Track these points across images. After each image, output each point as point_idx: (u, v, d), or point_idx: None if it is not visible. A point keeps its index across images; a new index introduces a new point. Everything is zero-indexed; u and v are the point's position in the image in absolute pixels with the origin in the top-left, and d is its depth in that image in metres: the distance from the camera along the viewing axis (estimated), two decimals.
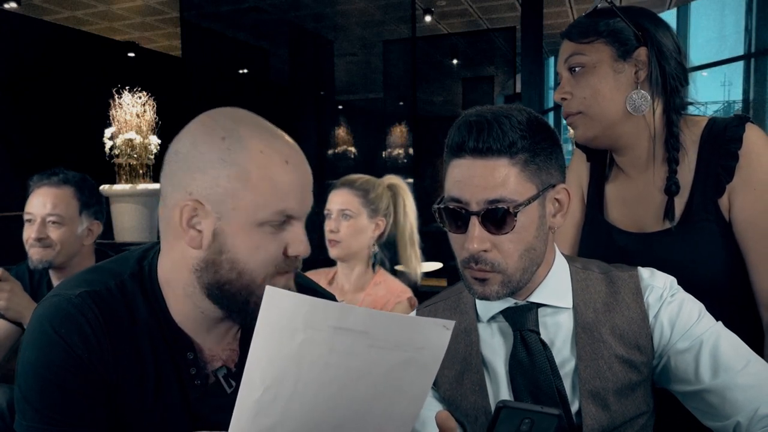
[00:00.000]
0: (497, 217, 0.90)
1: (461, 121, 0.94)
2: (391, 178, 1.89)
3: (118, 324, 0.86)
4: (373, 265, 1.84)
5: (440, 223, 0.97)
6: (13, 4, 6.92)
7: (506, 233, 0.91)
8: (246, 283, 0.84)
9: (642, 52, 1.14)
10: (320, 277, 1.84)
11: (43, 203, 1.78)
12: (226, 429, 0.83)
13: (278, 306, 0.61)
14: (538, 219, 0.94)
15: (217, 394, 0.92)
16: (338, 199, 1.78)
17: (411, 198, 1.89)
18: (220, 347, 0.93)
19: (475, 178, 0.91)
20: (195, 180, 0.82)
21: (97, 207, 1.89)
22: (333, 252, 1.78)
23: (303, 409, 0.65)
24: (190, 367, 0.89)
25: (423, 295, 1.77)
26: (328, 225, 1.77)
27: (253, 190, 0.81)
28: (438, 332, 0.64)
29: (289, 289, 0.87)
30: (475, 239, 0.91)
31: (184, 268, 0.86)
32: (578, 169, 1.38)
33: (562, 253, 1.05)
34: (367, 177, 1.85)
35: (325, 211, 1.80)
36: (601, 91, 1.14)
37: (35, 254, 1.78)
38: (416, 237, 1.89)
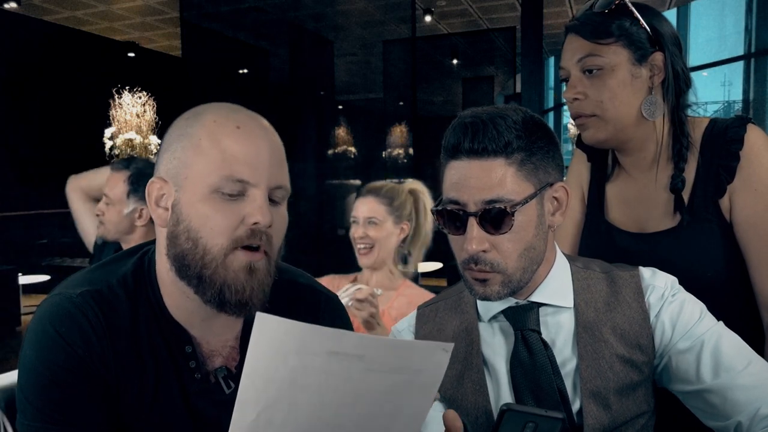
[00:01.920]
0: (495, 217, 0.90)
1: (457, 122, 0.94)
2: (413, 184, 1.96)
3: (119, 323, 0.86)
4: (404, 261, 1.92)
5: (439, 226, 0.97)
6: (13, 4, 6.92)
7: (505, 233, 0.91)
8: (201, 253, 0.82)
9: (658, 57, 1.13)
10: (342, 282, 1.87)
11: (104, 185, 2.06)
12: (225, 428, 0.83)
13: (269, 331, 0.60)
14: (536, 218, 0.93)
15: (217, 392, 0.92)
16: (364, 207, 1.85)
17: (430, 202, 1.94)
18: (219, 343, 0.93)
19: (472, 179, 0.91)
20: (162, 161, 0.86)
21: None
22: (365, 261, 1.84)
23: (299, 431, 0.65)
24: (189, 360, 0.89)
25: None
26: (356, 231, 1.84)
27: (203, 157, 0.82)
28: (436, 355, 0.63)
29: (251, 277, 0.84)
30: (473, 240, 0.91)
31: (163, 251, 0.87)
32: (578, 170, 1.38)
33: (563, 253, 1.05)
34: (391, 184, 1.92)
35: (352, 219, 1.88)
36: (618, 96, 1.12)
37: (97, 229, 2.08)
38: (429, 239, 1.96)
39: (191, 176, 0.82)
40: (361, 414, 0.65)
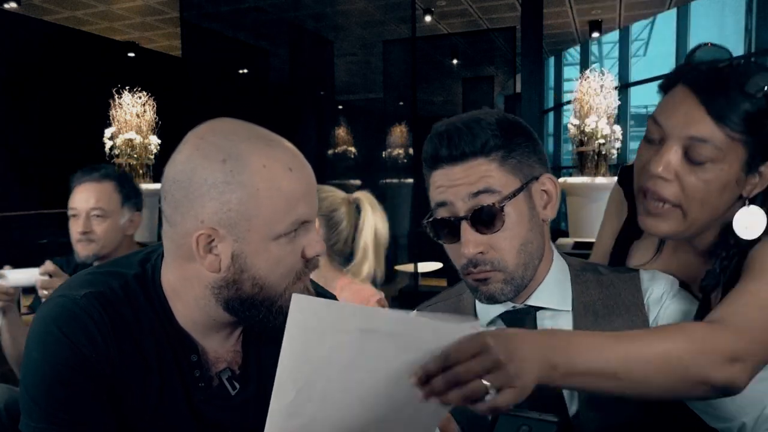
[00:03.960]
0: (486, 216, 0.90)
1: (432, 133, 0.95)
2: (357, 194, 1.88)
3: (123, 325, 0.86)
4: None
5: (434, 238, 0.97)
6: (13, 4, 6.91)
7: (498, 231, 0.91)
8: (269, 294, 0.85)
9: None
10: None
11: (86, 198, 1.87)
12: (230, 430, 0.83)
13: (306, 312, 0.63)
14: (528, 211, 0.93)
15: (221, 396, 0.92)
16: None
17: (373, 215, 1.85)
18: (224, 349, 0.93)
19: (456, 180, 0.91)
20: (204, 207, 0.81)
21: (137, 198, 1.98)
22: None
23: (335, 409, 0.67)
24: (194, 369, 0.90)
25: (423, 295, 1.77)
26: None
27: (265, 207, 0.81)
28: (465, 333, 0.65)
29: (307, 291, 0.89)
30: (469, 243, 0.91)
31: (199, 284, 0.86)
32: (618, 210, 1.19)
33: (561, 254, 1.05)
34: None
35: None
36: (713, 198, 0.92)
37: (82, 249, 1.87)
38: (370, 255, 1.85)
39: (255, 227, 0.81)
40: (394, 392, 0.67)
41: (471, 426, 0.99)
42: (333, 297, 1.08)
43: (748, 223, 0.92)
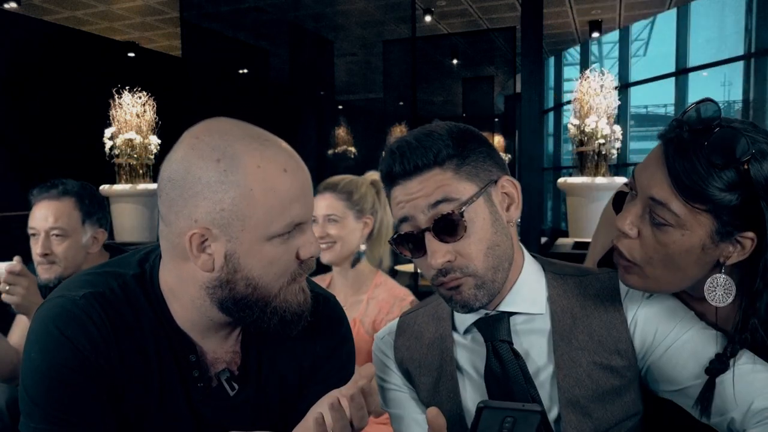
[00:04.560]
0: (447, 225, 0.90)
1: (386, 151, 0.96)
2: (374, 174, 1.87)
3: (122, 325, 0.86)
4: (354, 261, 1.83)
5: (402, 255, 0.98)
6: (13, 4, 6.92)
7: (462, 238, 0.91)
8: (262, 295, 0.84)
9: (748, 237, 0.86)
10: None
11: (45, 217, 1.78)
12: (230, 431, 0.83)
13: None
14: (490, 215, 0.93)
15: (220, 397, 0.92)
16: (322, 204, 1.77)
17: None
18: (223, 350, 0.93)
19: (413, 193, 0.92)
20: (198, 207, 0.81)
21: (100, 214, 1.88)
22: (325, 257, 1.77)
23: None
24: (192, 369, 0.90)
25: (423, 295, 1.77)
26: (315, 231, 1.72)
27: (259, 208, 0.81)
28: None
29: (303, 292, 0.88)
30: (435, 254, 0.91)
31: (194, 284, 0.86)
32: (607, 231, 1.15)
33: (534, 256, 1.04)
34: (350, 177, 1.84)
35: (312, 218, 1.79)
36: (674, 261, 0.89)
37: (42, 272, 1.78)
38: (383, 237, 1.87)
39: (248, 227, 0.81)
40: None
41: (449, 426, 0.99)
42: (332, 296, 1.08)
43: (717, 294, 0.89)
